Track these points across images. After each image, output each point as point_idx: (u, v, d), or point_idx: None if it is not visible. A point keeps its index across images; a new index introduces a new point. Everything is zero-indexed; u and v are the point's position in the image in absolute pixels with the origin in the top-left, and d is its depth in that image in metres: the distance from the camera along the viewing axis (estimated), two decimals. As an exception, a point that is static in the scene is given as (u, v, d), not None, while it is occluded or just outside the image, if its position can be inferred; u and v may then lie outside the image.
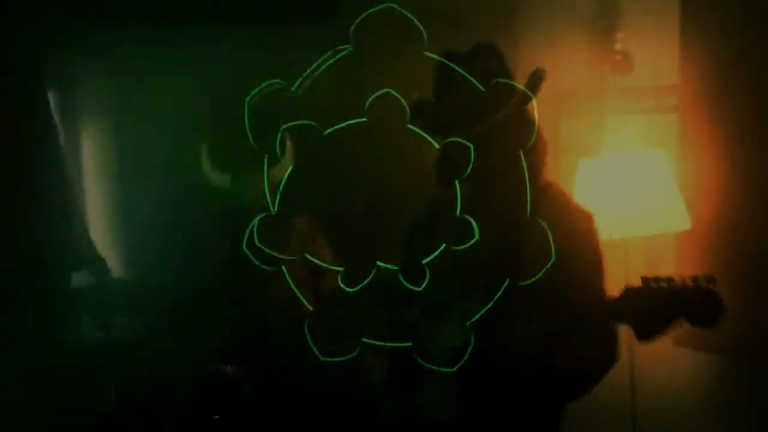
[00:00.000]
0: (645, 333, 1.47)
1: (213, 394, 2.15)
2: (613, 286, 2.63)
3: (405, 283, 1.53)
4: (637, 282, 1.46)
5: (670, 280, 1.44)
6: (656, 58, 2.63)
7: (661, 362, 2.57)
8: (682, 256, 2.53)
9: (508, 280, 1.49)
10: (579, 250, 1.61)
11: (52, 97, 3.53)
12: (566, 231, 1.59)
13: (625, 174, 2.34)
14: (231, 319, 2.71)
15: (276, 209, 1.57)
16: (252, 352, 2.57)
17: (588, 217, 1.71)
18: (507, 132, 1.61)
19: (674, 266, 2.54)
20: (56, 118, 3.53)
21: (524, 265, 1.54)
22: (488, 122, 1.60)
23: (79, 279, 3.29)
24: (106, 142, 3.66)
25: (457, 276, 1.61)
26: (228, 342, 2.61)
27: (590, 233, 1.69)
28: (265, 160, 1.76)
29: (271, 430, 2.11)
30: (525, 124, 1.61)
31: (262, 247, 1.60)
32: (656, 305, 1.43)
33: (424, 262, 1.47)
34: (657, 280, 1.45)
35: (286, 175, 1.66)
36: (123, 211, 3.62)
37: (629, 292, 1.47)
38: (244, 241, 1.60)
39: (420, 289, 1.49)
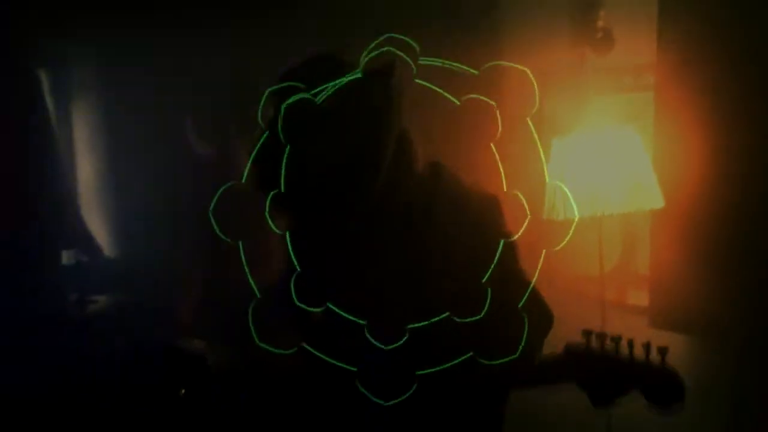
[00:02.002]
0: (598, 399, 1.36)
1: (179, 366, 2.17)
2: (590, 266, 2.65)
3: None
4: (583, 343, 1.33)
5: (616, 339, 1.31)
6: (635, 37, 2.61)
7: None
8: (657, 234, 2.51)
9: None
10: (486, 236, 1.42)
11: (41, 76, 3.58)
12: (469, 219, 1.45)
13: (597, 152, 2.32)
14: (214, 294, 2.76)
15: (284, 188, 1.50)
16: (233, 329, 2.61)
17: (492, 199, 1.52)
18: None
19: (649, 245, 2.53)
20: (45, 96, 3.57)
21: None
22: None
23: (69, 256, 3.35)
24: (96, 121, 3.69)
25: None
26: (209, 318, 2.65)
27: (496, 217, 1.51)
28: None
29: (246, 405, 2.12)
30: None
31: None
32: (607, 372, 1.32)
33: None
34: (601, 336, 1.33)
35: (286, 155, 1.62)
36: (113, 190, 3.66)
37: (570, 349, 1.36)
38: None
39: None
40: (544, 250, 1.40)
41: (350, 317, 1.41)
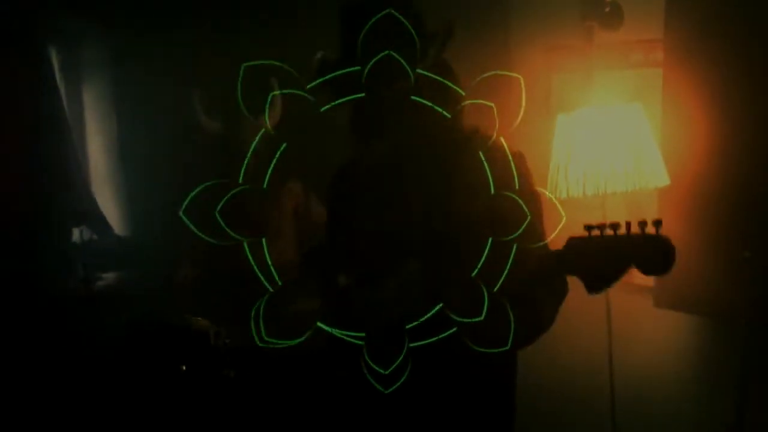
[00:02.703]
0: (595, 284, 1.38)
1: (183, 344, 2.20)
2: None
3: None
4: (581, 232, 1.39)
5: (615, 226, 1.36)
6: (644, 12, 2.55)
7: (638, 323, 2.54)
8: (662, 213, 2.47)
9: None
10: (513, 191, 1.49)
11: (52, 54, 3.59)
12: (499, 172, 1.50)
13: (603, 129, 2.28)
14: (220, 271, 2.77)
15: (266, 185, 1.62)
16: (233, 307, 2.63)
17: (521, 156, 1.60)
18: (425, 87, 1.54)
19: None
20: (56, 74, 3.59)
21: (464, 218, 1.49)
22: (404, 81, 1.52)
23: (79, 234, 3.38)
24: (106, 99, 3.71)
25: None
26: (212, 296, 2.67)
27: (524, 172, 1.58)
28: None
29: (237, 382, 2.15)
30: (442, 74, 1.57)
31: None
32: (604, 254, 1.36)
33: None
34: (602, 227, 1.37)
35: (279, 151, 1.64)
36: (124, 169, 3.69)
37: (573, 242, 1.40)
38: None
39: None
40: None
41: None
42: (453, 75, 1.62)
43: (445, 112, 1.52)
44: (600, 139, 2.28)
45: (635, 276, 2.76)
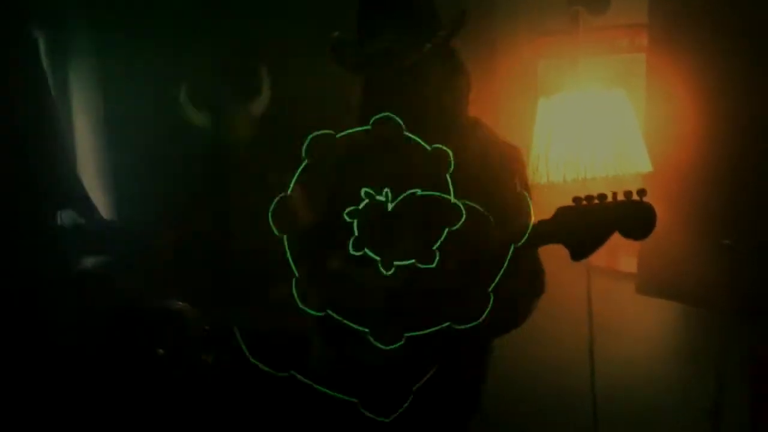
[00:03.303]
0: (579, 250, 1.48)
1: (161, 327, 2.19)
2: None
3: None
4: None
5: (602, 196, 1.46)
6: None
7: (620, 310, 2.54)
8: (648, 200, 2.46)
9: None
10: (508, 184, 1.59)
11: (38, 36, 3.56)
12: (494, 165, 1.59)
13: (585, 114, 2.26)
14: (205, 257, 2.76)
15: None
16: (218, 293, 2.63)
17: (516, 150, 1.69)
18: (431, 70, 1.61)
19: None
20: (44, 59, 3.56)
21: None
22: (412, 57, 1.58)
23: (66, 217, 3.36)
24: (94, 83, 3.68)
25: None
26: (196, 281, 2.66)
27: (518, 167, 1.68)
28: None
29: (215, 367, 2.14)
30: (449, 62, 1.65)
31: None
32: (589, 221, 1.45)
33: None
34: (589, 198, 1.47)
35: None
36: (110, 151, 3.66)
37: (561, 211, 1.49)
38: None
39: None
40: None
41: None
42: (458, 63, 1.68)
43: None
44: (581, 124, 2.26)
45: (617, 262, 2.79)
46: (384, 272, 1.51)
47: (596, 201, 1.45)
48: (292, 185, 1.66)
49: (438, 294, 1.52)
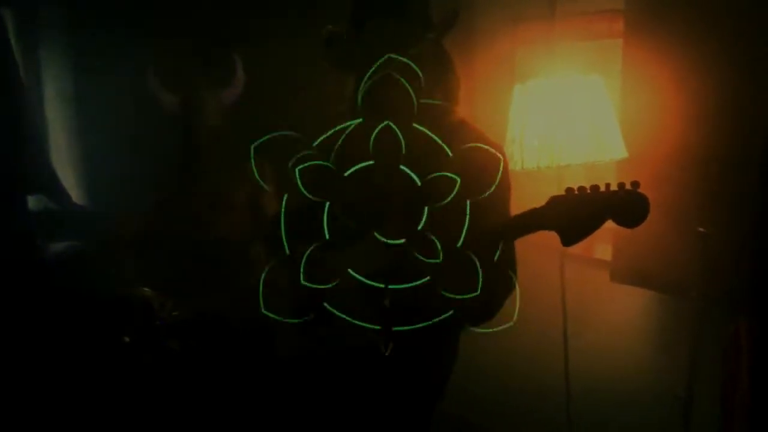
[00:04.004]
0: (570, 235, 1.50)
1: (127, 314, 2.15)
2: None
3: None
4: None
5: (594, 186, 1.48)
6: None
7: (594, 297, 2.53)
8: (620, 187, 2.45)
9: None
10: (491, 185, 1.57)
11: (7, 16, 3.49)
12: (480, 166, 1.57)
13: (560, 100, 2.23)
14: (175, 244, 2.72)
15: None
16: (186, 281, 2.59)
17: (500, 151, 1.64)
18: (424, 68, 1.57)
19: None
20: (11, 38, 3.48)
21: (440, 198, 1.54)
22: (405, 55, 1.56)
23: (37, 202, 3.31)
24: (65, 65, 3.62)
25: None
26: (164, 268, 2.63)
27: (502, 168, 1.63)
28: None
29: (181, 354, 2.10)
30: (439, 61, 1.67)
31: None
32: (581, 209, 1.48)
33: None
34: (582, 188, 1.49)
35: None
36: (82, 137, 3.61)
37: (554, 200, 1.51)
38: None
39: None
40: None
41: None
42: (449, 60, 1.70)
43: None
44: (557, 110, 2.23)
45: (591, 250, 2.77)
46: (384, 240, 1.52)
47: (589, 191, 1.47)
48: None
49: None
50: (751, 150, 2.03)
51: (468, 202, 1.53)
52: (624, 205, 1.48)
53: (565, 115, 2.22)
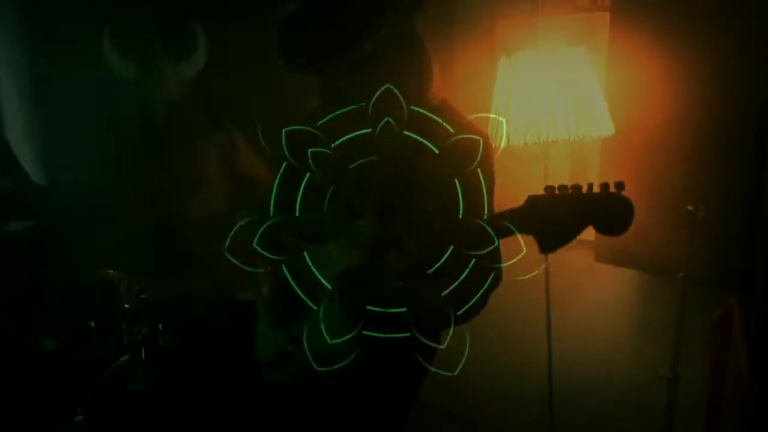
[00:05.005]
0: (549, 243, 1.38)
1: (91, 297, 2.02)
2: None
3: None
4: (540, 191, 1.39)
5: (576, 187, 1.36)
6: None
7: (578, 278, 2.48)
8: (605, 164, 2.39)
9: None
10: (474, 169, 1.50)
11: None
12: (461, 150, 1.49)
13: (544, 74, 2.15)
14: (138, 225, 2.60)
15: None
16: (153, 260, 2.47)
17: (483, 135, 1.57)
18: (391, 52, 1.53)
19: (597, 176, 2.41)
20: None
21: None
22: (374, 39, 1.50)
23: (-8, 181, 3.14)
24: (20, 38, 3.44)
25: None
26: (128, 249, 2.50)
27: (485, 152, 1.56)
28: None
29: (149, 340, 1.98)
30: (408, 43, 1.57)
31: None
32: (562, 214, 1.36)
33: None
34: (563, 187, 1.37)
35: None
36: (39, 113, 3.44)
37: (532, 200, 1.39)
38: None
39: None
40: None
41: None
42: (420, 42, 1.59)
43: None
44: (542, 84, 2.15)
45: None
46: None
47: (570, 191, 1.36)
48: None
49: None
50: (743, 125, 1.98)
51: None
52: (606, 212, 1.35)
53: (552, 89, 2.15)
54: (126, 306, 1.98)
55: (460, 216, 1.46)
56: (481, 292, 1.53)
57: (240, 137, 2.72)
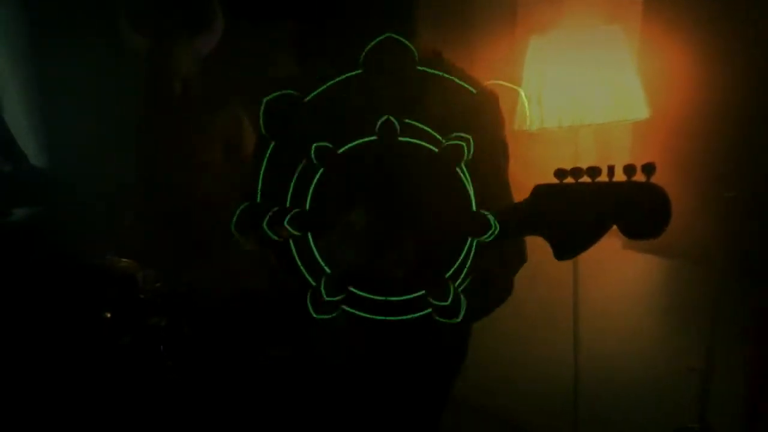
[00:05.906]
0: (562, 248, 1.14)
1: (106, 287, 1.93)
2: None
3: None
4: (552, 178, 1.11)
5: (594, 171, 1.08)
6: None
7: (606, 266, 2.40)
8: (636, 149, 2.30)
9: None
10: (478, 130, 1.24)
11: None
12: (462, 107, 1.26)
13: (578, 54, 2.05)
14: (147, 207, 2.51)
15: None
16: (162, 247, 2.37)
17: (490, 93, 1.34)
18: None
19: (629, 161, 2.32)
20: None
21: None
22: None
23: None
24: (21, 22, 3.32)
25: None
26: (138, 232, 2.41)
27: (492, 111, 1.35)
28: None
29: (169, 332, 1.89)
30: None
31: None
32: (579, 210, 1.10)
33: None
34: (577, 172, 1.09)
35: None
36: (40, 95, 3.33)
37: (541, 191, 1.13)
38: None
39: None
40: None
41: None
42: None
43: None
44: (576, 65, 2.06)
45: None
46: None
47: (586, 177, 1.09)
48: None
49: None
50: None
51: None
52: (633, 206, 1.07)
53: (585, 69, 2.05)
54: (143, 297, 1.89)
55: (474, 208, 1.22)
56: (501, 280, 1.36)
57: (246, 118, 2.63)
